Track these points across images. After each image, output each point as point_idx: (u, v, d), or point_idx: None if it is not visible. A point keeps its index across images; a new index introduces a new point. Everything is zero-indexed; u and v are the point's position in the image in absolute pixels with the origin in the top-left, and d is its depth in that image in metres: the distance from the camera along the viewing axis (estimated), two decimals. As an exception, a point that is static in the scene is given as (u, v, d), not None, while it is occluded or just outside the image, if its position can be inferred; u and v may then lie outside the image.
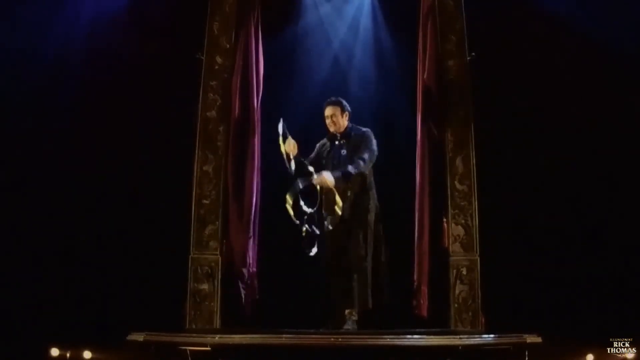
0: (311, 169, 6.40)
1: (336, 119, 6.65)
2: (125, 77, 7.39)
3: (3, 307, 6.96)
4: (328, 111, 6.68)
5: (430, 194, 6.89)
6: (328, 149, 6.70)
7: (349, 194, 6.50)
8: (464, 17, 7.05)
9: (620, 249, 7.17)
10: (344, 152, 6.60)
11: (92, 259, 7.19)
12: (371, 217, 6.53)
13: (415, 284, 6.85)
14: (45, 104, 7.42)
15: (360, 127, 6.69)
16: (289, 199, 6.24)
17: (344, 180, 6.37)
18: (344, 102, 6.71)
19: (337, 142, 6.66)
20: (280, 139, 6.37)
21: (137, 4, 7.55)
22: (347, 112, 6.69)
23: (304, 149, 6.69)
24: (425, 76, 7.04)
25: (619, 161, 7.28)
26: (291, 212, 6.23)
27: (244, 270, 6.83)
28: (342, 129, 6.67)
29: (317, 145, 6.80)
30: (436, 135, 6.98)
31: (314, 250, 6.35)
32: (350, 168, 6.39)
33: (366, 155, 6.47)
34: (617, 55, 7.35)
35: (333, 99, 6.73)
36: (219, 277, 6.70)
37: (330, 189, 6.38)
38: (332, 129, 6.68)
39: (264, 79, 7.19)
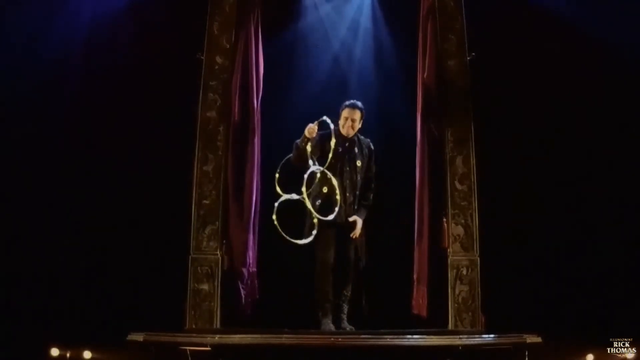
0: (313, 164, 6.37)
1: (356, 123, 6.57)
2: (125, 77, 7.39)
3: (3, 307, 6.96)
4: (351, 114, 6.55)
5: (430, 194, 6.89)
6: (339, 150, 6.52)
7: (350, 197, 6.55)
8: (464, 17, 7.05)
9: (621, 249, 7.18)
10: (359, 162, 6.56)
11: (92, 259, 7.19)
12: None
13: (415, 284, 6.85)
14: (45, 103, 7.43)
15: (360, 135, 6.66)
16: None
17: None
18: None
19: (354, 149, 6.58)
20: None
21: (137, 4, 7.55)
22: (363, 119, 6.65)
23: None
24: (425, 76, 7.04)
25: (619, 161, 7.29)
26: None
27: (244, 270, 6.83)
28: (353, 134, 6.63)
29: (321, 135, 6.50)
30: (436, 135, 6.98)
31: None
32: (369, 200, 6.58)
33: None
34: (618, 55, 7.36)
35: (356, 102, 6.62)
36: (219, 277, 6.70)
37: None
38: (346, 132, 6.57)
39: (264, 79, 7.18)
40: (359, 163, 6.58)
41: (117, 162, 7.32)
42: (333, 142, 6.29)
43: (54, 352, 6.49)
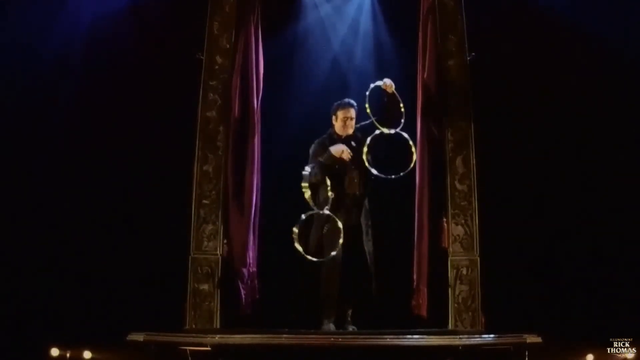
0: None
1: (353, 121, 6.68)
2: (125, 77, 7.40)
3: (3, 307, 6.96)
4: (349, 113, 6.67)
5: (430, 194, 6.89)
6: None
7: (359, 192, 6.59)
8: (464, 17, 7.05)
9: (621, 249, 7.18)
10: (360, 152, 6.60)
11: (92, 259, 7.20)
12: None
13: (415, 284, 6.85)
14: (46, 103, 7.44)
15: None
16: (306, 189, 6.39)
17: None
18: None
19: (352, 144, 6.62)
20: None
21: (138, 4, 7.55)
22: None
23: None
24: (425, 76, 7.04)
25: (619, 161, 7.29)
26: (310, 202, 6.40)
27: (244, 270, 6.83)
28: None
29: (319, 148, 6.68)
30: (436, 135, 6.98)
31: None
32: None
33: None
34: (618, 54, 7.36)
35: (349, 100, 6.72)
36: (219, 277, 6.70)
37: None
38: (344, 132, 6.66)
39: (264, 79, 7.18)
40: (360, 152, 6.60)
41: (117, 161, 7.32)
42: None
43: (54, 352, 6.49)
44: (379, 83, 6.54)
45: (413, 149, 6.58)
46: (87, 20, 7.59)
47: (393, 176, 6.46)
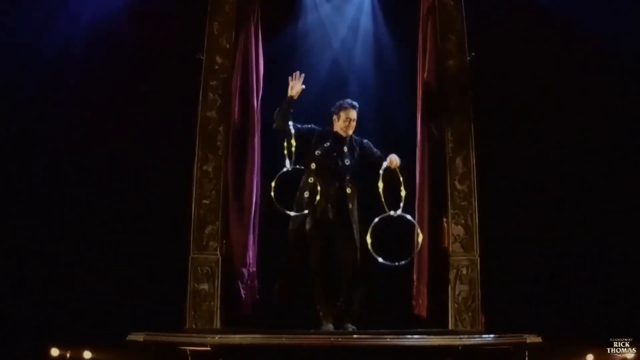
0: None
1: (354, 122, 6.67)
2: (125, 77, 7.40)
3: (3, 307, 6.96)
4: (352, 114, 6.66)
5: (430, 194, 6.89)
6: (328, 148, 6.65)
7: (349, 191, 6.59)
8: (464, 17, 7.05)
9: (621, 249, 7.18)
10: (347, 161, 6.61)
11: (92, 259, 7.20)
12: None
13: (415, 284, 6.86)
14: (46, 102, 7.43)
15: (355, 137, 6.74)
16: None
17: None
18: None
19: (344, 149, 6.64)
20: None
21: (138, 4, 7.55)
22: None
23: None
24: (425, 76, 7.04)
25: (619, 161, 7.29)
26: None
27: (244, 270, 6.83)
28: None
29: (313, 128, 6.72)
30: (436, 135, 6.98)
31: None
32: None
33: None
34: (619, 54, 7.36)
35: (352, 101, 6.72)
36: (219, 277, 6.70)
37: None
38: (345, 133, 6.66)
39: (264, 79, 7.18)
40: (347, 162, 6.61)
41: (117, 161, 7.33)
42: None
43: (54, 352, 6.49)
44: (385, 163, 6.48)
45: (419, 233, 6.53)
46: (87, 19, 7.58)
47: (397, 263, 6.38)
